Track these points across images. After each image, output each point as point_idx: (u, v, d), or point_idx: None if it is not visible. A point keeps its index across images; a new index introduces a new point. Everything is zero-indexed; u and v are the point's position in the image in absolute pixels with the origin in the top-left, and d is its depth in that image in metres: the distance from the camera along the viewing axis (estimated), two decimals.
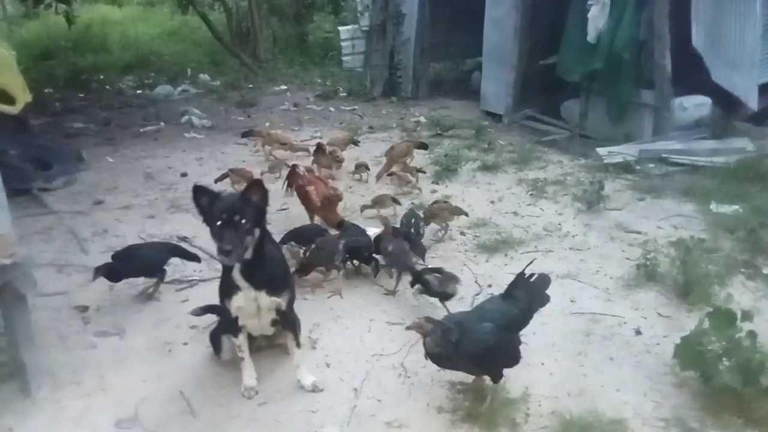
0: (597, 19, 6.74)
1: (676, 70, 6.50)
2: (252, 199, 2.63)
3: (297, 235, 4.27)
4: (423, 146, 6.34)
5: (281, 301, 2.88)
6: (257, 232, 2.66)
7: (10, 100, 2.57)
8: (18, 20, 15.96)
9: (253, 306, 2.82)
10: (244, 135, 7.15)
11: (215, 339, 3.16)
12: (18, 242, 2.90)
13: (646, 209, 5.17)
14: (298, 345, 3.04)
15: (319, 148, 6.10)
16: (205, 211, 2.64)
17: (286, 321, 2.99)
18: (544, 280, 3.01)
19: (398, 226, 4.35)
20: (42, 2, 10.85)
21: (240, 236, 2.56)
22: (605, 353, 3.23)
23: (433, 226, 4.70)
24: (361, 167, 6.14)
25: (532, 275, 2.93)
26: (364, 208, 5.06)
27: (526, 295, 2.89)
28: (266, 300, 2.82)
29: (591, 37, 6.81)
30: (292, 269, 3.70)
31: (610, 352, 3.24)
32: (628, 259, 4.24)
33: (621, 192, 5.55)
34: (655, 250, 4.14)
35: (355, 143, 6.78)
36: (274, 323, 2.99)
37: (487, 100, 8.84)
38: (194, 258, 4.07)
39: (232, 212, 2.55)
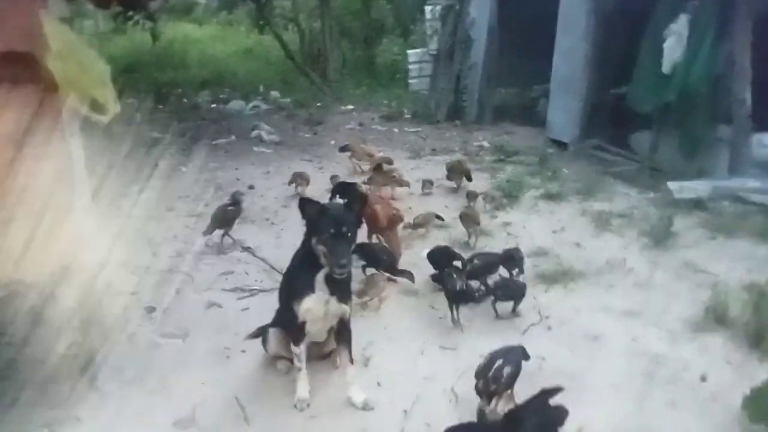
0: (673, 50, 6.55)
1: (756, 105, 6.24)
2: (354, 208, 2.77)
3: (362, 252, 4.30)
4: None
5: (347, 309, 2.97)
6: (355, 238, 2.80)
7: (101, 109, 2.76)
8: (107, 35, 17.04)
9: (322, 310, 2.90)
10: (341, 150, 7.38)
11: (263, 332, 3.29)
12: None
13: (717, 249, 4.94)
14: (351, 361, 3.08)
15: (378, 167, 6.20)
16: (313, 222, 2.76)
17: (343, 333, 3.05)
18: (561, 414, 2.53)
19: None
20: (131, 19, 11.57)
21: (349, 248, 2.70)
22: (668, 398, 3.09)
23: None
24: (427, 183, 6.38)
25: (546, 404, 2.46)
26: (408, 227, 5.08)
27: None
28: (335, 306, 2.90)
29: (666, 68, 6.62)
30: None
31: (673, 397, 3.10)
32: (696, 300, 4.04)
33: (691, 229, 5.32)
34: (725, 293, 3.94)
35: (389, 162, 6.75)
36: (329, 331, 3.07)
37: (553, 128, 8.73)
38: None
39: (342, 224, 2.67)
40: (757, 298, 3.71)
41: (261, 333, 3.37)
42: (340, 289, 2.89)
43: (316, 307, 2.89)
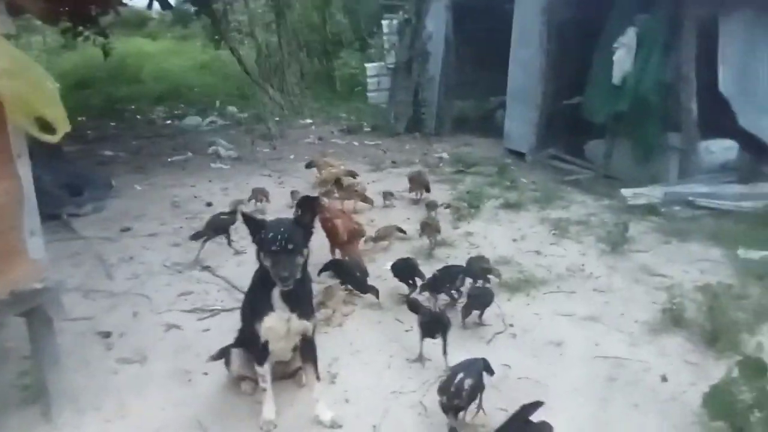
0: (623, 61, 6.79)
1: (702, 114, 6.50)
2: (304, 221, 2.74)
3: (335, 267, 4.28)
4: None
5: (309, 326, 2.91)
6: (306, 252, 2.73)
7: (50, 128, 2.67)
8: (57, 51, 16.60)
9: (284, 328, 2.83)
10: (308, 166, 7.29)
11: (226, 353, 3.20)
12: (49, 267, 2.96)
13: (671, 253, 5.09)
14: (318, 378, 3.03)
15: (337, 180, 6.18)
16: (258, 238, 2.71)
17: (308, 351, 2.99)
18: (545, 430, 2.60)
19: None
20: (81, 35, 11.29)
21: (293, 261, 2.63)
22: (630, 400, 3.15)
23: None
24: (388, 195, 6.42)
25: (528, 421, 2.56)
26: (370, 240, 5.08)
27: None
28: (296, 323, 2.84)
29: (616, 79, 6.85)
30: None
31: (635, 399, 3.15)
32: (653, 303, 4.15)
33: (646, 234, 5.48)
34: (681, 295, 4.04)
35: (353, 176, 6.75)
36: (294, 349, 3.02)
37: (510, 139, 8.89)
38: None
39: (284, 238, 2.62)
40: (711, 299, 3.82)
41: (223, 354, 3.28)
42: (300, 305, 2.83)
43: (278, 325, 2.82)
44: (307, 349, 2.99)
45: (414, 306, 3.62)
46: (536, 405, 2.58)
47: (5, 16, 2.51)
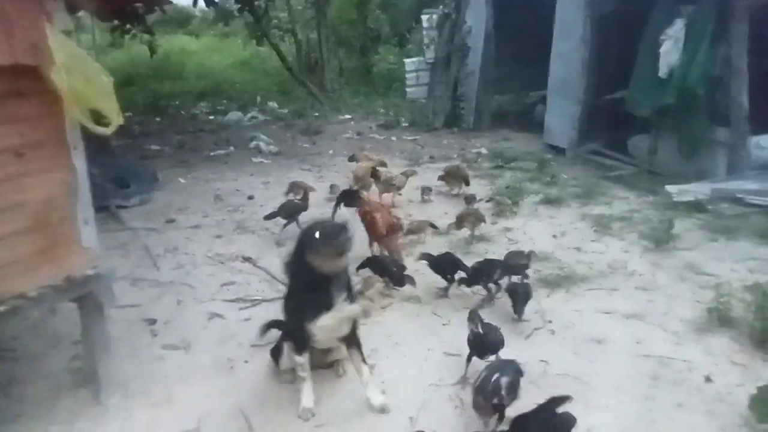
0: (670, 54, 6.60)
1: (753, 108, 6.27)
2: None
3: (372, 264, 4.29)
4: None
5: (358, 308, 3.01)
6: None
7: (102, 122, 2.77)
8: (105, 49, 17.12)
9: (338, 318, 2.90)
10: (350, 160, 7.32)
11: (277, 347, 3.24)
12: (101, 256, 3.07)
13: (719, 251, 4.94)
14: (365, 362, 3.06)
15: (374, 173, 6.19)
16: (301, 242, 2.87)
17: (353, 338, 3.05)
18: (569, 421, 2.57)
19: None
20: (128, 32, 11.63)
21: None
22: (674, 399, 3.08)
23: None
24: (427, 189, 6.41)
25: (553, 412, 2.53)
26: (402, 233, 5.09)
27: None
28: (348, 309, 2.92)
29: (663, 72, 6.67)
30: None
31: (680, 399, 3.08)
32: (699, 301, 4.04)
33: (692, 232, 5.33)
34: (728, 294, 3.92)
35: (383, 165, 6.76)
36: (341, 338, 3.07)
37: (550, 134, 8.76)
38: None
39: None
40: (760, 298, 3.70)
41: (269, 327, 3.37)
42: (350, 290, 2.92)
43: (332, 322, 2.89)
44: (352, 336, 3.04)
45: (470, 317, 3.33)
46: (565, 398, 2.56)
47: (64, 12, 2.62)
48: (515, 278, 4.12)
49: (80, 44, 15.87)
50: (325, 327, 2.89)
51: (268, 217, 5.39)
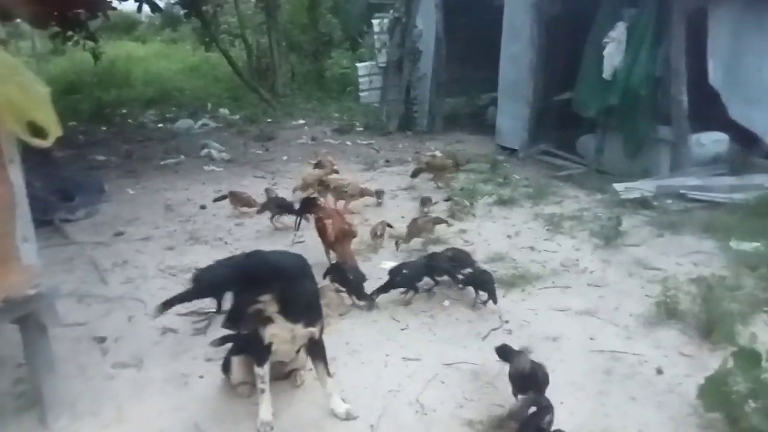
0: (613, 56, 6.82)
1: (693, 106, 6.53)
2: (256, 273, 2.71)
3: (336, 272, 4.26)
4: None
5: (315, 331, 2.92)
6: (266, 297, 2.68)
7: (41, 133, 2.65)
8: (46, 56, 16.52)
9: (289, 336, 2.85)
10: (316, 167, 7.03)
11: (226, 361, 3.18)
12: (42, 273, 2.94)
13: (665, 245, 5.12)
14: (328, 373, 3.03)
15: (321, 182, 6.16)
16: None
17: (316, 349, 3.00)
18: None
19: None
20: (70, 39, 11.24)
21: (242, 310, 2.67)
22: (627, 393, 3.17)
23: None
24: (380, 193, 6.44)
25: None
26: (376, 237, 5.11)
27: None
28: (302, 332, 2.86)
29: (607, 73, 6.88)
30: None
31: (632, 392, 3.17)
32: (647, 296, 4.18)
33: (639, 228, 5.51)
34: (675, 287, 4.06)
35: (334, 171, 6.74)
36: (298, 350, 3.04)
37: (502, 135, 8.91)
38: None
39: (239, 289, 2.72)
40: (705, 290, 3.85)
41: (225, 341, 3.29)
42: (304, 315, 2.83)
43: (282, 333, 2.84)
44: (315, 347, 3.00)
45: (504, 353, 3.15)
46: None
47: None
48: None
49: (19, 51, 15.29)
50: (275, 335, 2.83)
51: (261, 211, 5.78)
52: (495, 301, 3.98)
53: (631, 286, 4.41)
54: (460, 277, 4.17)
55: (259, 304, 2.66)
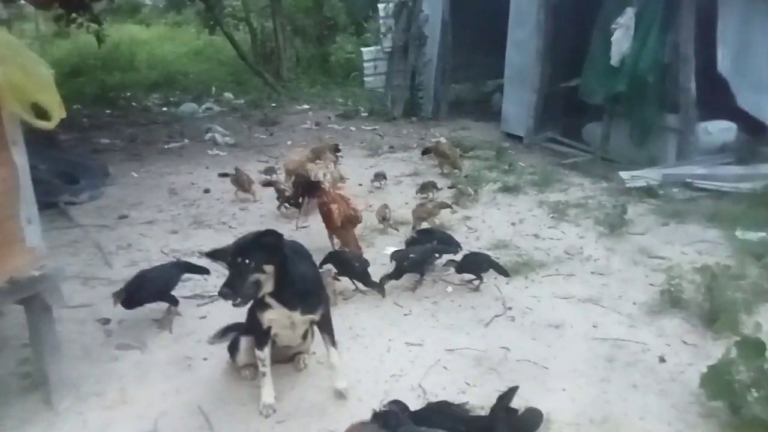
0: (621, 42, 6.73)
1: (701, 94, 6.46)
2: (264, 241, 2.68)
3: (334, 260, 4.19)
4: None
5: (315, 317, 2.94)
6: (269, 268, 2.68)
7: (45, 116, 2.65)
8: (50, 39, 16.45)
9: (287, 321, 2.88)
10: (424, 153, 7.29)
11: (234, 341, 3.19)
12: (47, 255, 2.95)
13: (670, 234, 5.09)
14: (334, 344, 3.04)
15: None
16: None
17: (323, 324, 3.03)
18: (535, 417, 2.57)
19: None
20: (74, 22, 11.19)
21: (243, 276, 2.62)
22: (629, 380, 3.17)
23: None
24: (380, 176, 6.46)
25: (514, 410, 2.54)
26: (387, 224, 5.11)
27: None
28: (300, 318, 2.89)
29: (615, 60, 6.79)
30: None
31: (634, 380, 3.17)
32: (651, 284, 4.17)
33: (644, 216, 5.48)
34: (679, 276, 4.04)
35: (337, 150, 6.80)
36: (304, 335, 3.07)
37: (508, 122, 8.86)
38: (204, 271, 4.07)
39: (237, 254, 2.65)
40: (709, 279, 3.83)
41: (224, 333, 3.31)
42: (301, 301, 2.84)
43: (281, 318, 2.86)
44: (322, 321, 3.01)
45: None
46: (512, 391, 2.56)
47: None
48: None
49: (23, 34, 15.24)
50: (274, 320, 2.86)
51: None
52: (505, 275, 4.15)
53: (635, 274, 4.40)
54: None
55: (259, 275, 2.65)
